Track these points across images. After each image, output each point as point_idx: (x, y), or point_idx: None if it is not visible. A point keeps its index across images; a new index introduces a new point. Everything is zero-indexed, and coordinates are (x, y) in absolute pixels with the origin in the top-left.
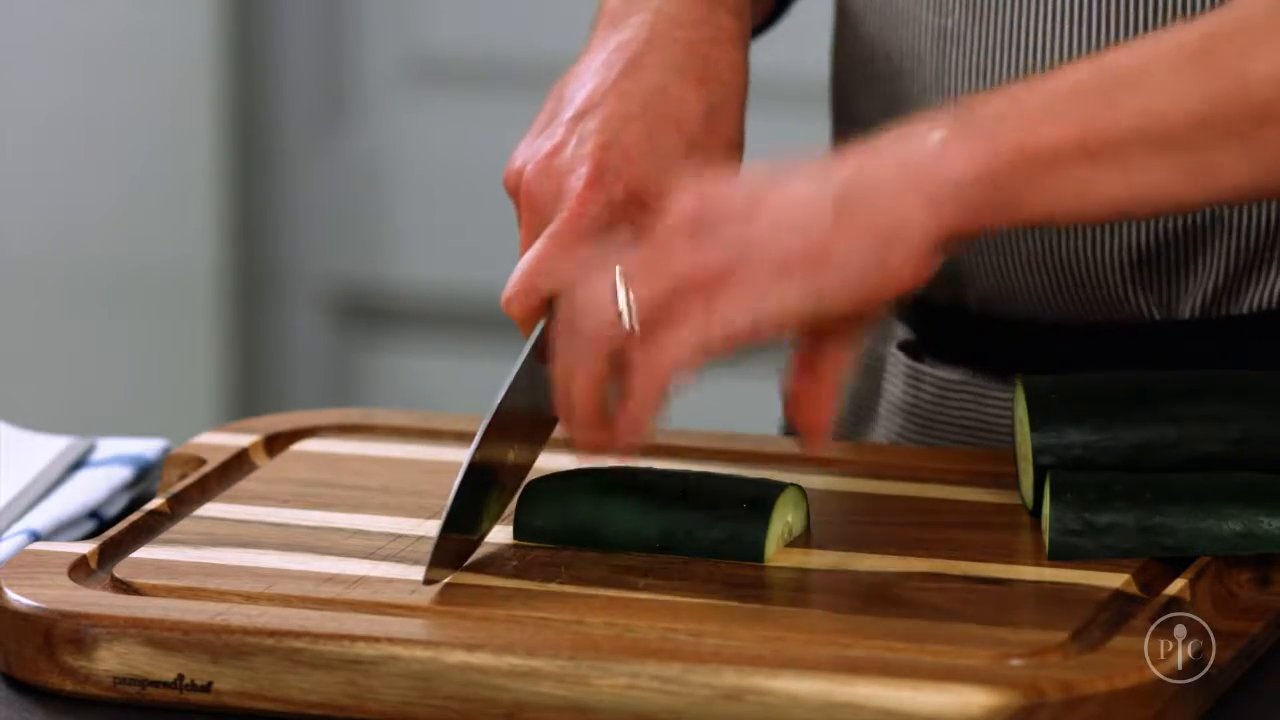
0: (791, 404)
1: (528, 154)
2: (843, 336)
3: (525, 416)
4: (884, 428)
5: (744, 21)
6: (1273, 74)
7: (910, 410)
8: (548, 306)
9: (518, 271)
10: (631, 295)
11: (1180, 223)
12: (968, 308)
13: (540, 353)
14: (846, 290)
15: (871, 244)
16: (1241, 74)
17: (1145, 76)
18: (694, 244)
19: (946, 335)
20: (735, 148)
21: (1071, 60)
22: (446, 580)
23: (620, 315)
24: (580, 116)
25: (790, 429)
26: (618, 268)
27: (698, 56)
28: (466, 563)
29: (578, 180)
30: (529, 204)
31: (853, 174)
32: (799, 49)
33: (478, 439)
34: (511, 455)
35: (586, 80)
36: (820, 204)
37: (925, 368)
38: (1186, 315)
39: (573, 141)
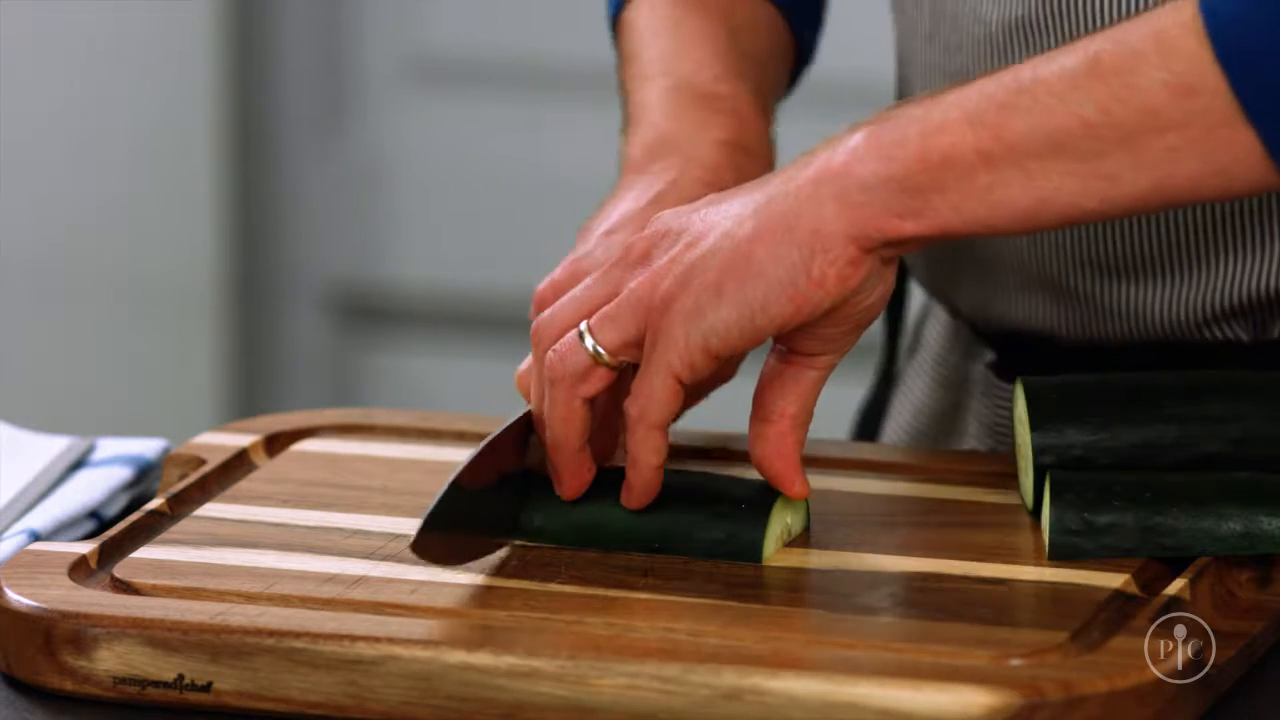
0: (755, 458)
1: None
2: (812, 356)
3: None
4: (971, 447)
5: (768, 117)
6: (1163, 81)
7: (1001, 431)
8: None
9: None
10: (599, 345)
11: (1265, 283)
12: (1053, 335)
13: None
14: (775, 300)
15: (790, 250)
16: (1132, 83)
17: (1041, 85)
18: (643, 277)
19: (1032, 359)
20: None
21: None
22: (438, 564)
23: (592, 362)
24: (614, 231)
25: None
26: (583, 323)
27: (732, 168)
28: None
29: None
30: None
31: (778, 183)
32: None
33: (483, 444)
34: (526, 462)
35: (620, 204)
36: (743, 215)
37: (1010, 388)
38: (1277, 335)
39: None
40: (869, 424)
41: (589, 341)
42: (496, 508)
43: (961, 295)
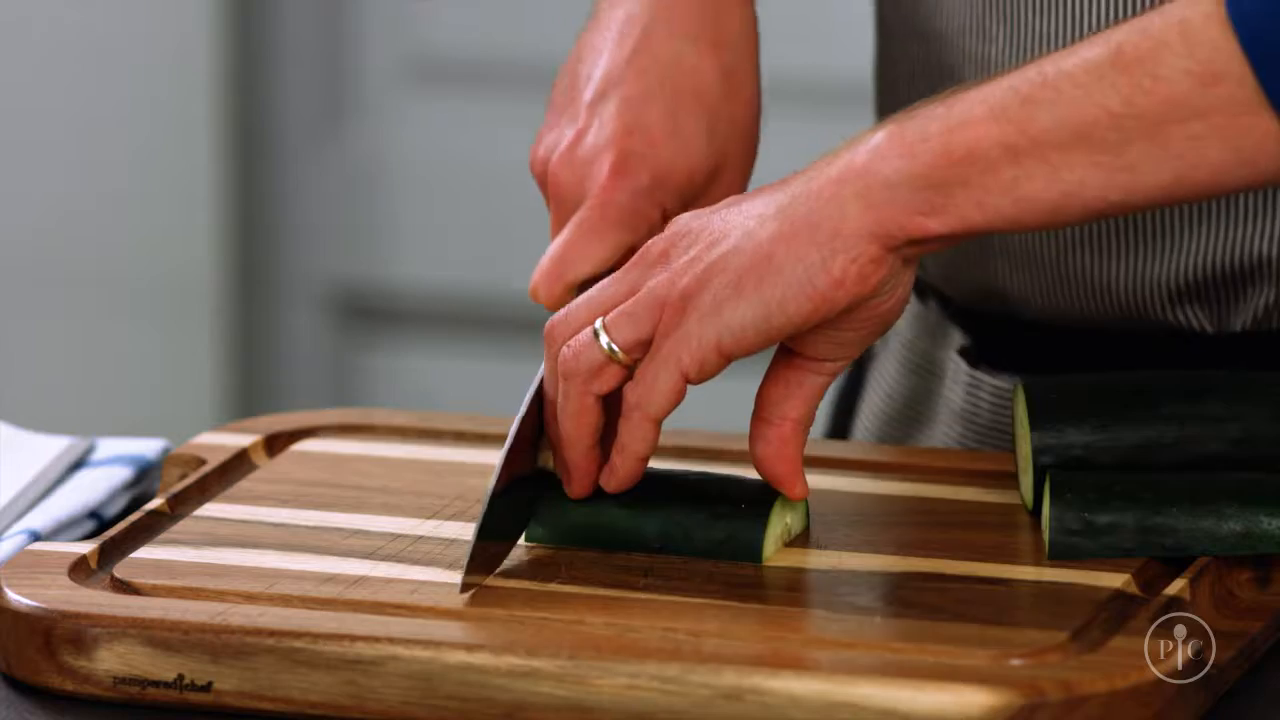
0: (756, 460)
1: (551, 141)
2: (821, 361)
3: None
4: (942, 433)
5: None
6: (1186, 69)
7: (969, 418)
8: (574, 294)
9: (545, 259)
10: (613, 342)
11: (1228, 258)
12: (1020, 317)
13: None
14: (793, 299)
15: (811, 250)
16: (1155, 72)
17: (1065, 78)
18: (662, 276)
19: (1000, 342)
20: (754, 107)
21: None
22: (467, 582)
23: (606, 359)
24: (600, 99)
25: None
26: (599, 320)
27: (708, 19)
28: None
29: (602, 169)
30: (556, 194)
31: (801, 183)
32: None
33: (505, 451)
34: (539, 462)
35: (600, 57)
36: (765, 215)
37: (984, 376)
38: (1239, 329)
39: (594, 126)
40: (844, 409)
41: (604, 339)
42: (513, 510)
43: (929, 257)
